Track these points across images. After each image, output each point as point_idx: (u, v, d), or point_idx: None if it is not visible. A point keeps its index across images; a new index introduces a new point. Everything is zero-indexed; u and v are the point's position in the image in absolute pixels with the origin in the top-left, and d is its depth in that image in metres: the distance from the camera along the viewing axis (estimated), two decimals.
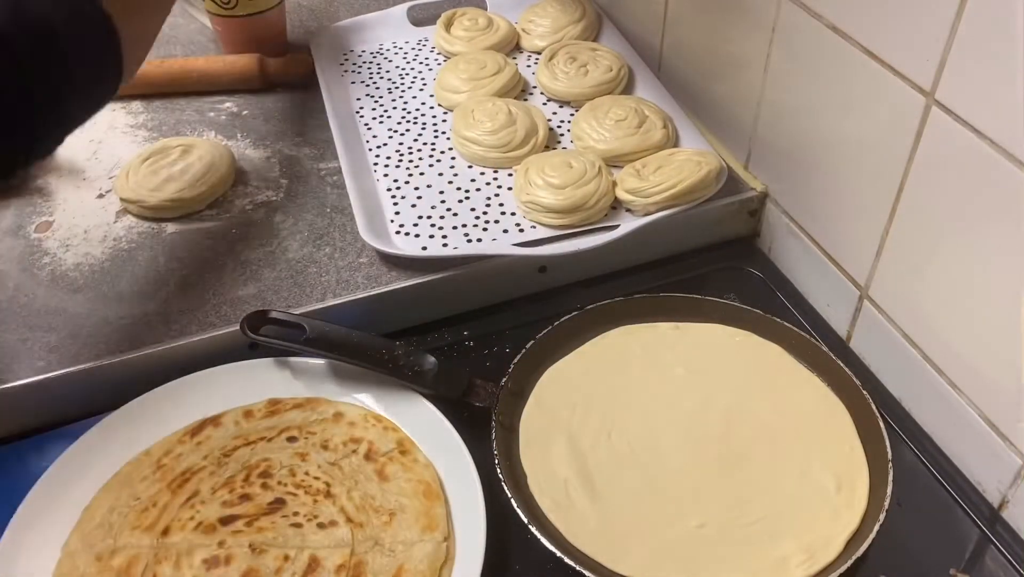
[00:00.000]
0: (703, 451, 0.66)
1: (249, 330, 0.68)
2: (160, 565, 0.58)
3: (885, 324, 0.71)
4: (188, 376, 0.69)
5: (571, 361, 0.73)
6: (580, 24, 1.02)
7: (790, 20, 0.73)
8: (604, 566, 0.59)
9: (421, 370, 0.69)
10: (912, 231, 0.66)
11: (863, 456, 0.65)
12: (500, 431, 0.66)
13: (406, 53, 1.04)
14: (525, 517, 0.60)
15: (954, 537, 0.63)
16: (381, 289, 0.76)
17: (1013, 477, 0.62)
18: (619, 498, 0.63)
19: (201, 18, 1.09)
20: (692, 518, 0.62)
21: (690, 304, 0.76)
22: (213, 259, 0.80)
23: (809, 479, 0.64)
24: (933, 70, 0.59)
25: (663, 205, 0.78)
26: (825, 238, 0.77)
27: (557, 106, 0.95)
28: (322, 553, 0.59)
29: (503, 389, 0.68)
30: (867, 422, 0.66)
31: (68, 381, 0.69)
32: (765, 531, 0.61)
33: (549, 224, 0.79)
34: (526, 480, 0.64)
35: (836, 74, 0.69)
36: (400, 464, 0.65)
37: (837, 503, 0.62)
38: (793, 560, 0.59)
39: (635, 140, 0.85)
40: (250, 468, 0.64)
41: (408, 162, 0.88)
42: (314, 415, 0.68)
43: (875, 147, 0.67)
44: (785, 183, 0.81)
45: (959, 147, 0.58)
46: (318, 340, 0.68)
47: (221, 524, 0.60)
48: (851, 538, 0.60)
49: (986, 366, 0.62)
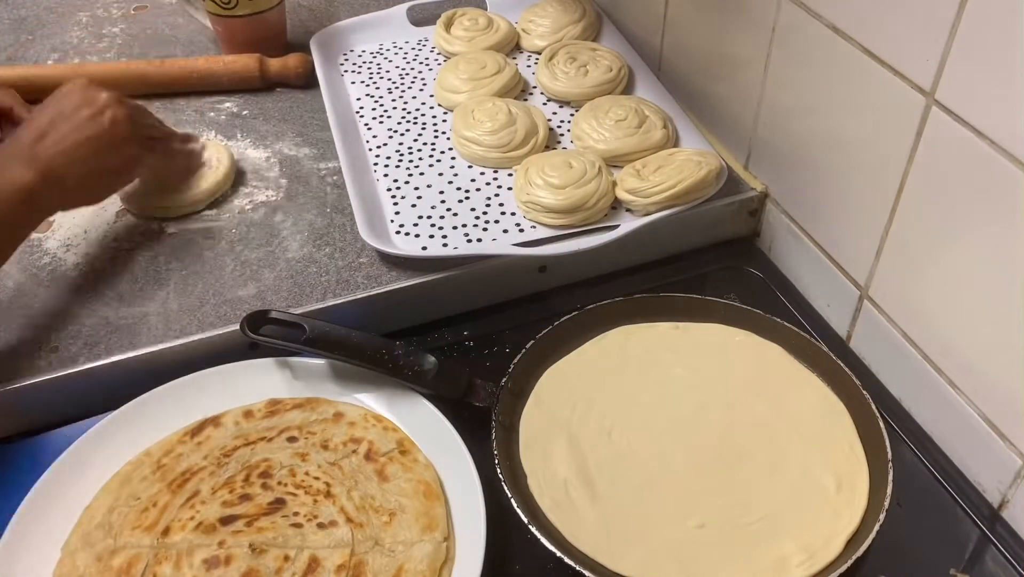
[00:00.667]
0: (703, 451, 0.66)
1: (249, 330, 0.68)
2: (160, 565, 0.58)
3: (885, 324, 0.71)
4: (188, 376, 0.69)
5: (571, 361, 0.73)
6: (580, 24, 1.02)
7: (790, 20, 0.73)
8: (604, 566, 0.59)
9: (421, 370, 0.69)
10: (912, 231, 0.66)
11: (863, 456, 0.65)
12: (500, 431, 0.66)
13: (406, 53, 1.04)
14: (525, 517, 0.60)
15: (954, 537, 0.63)
16: (381, 289, 0.76)
17: (1013, 477, 0.62)
18: (619, 498, 0.63)
19: (201, 18, 1.09)
20: (692, 518, 0.62)
21: (690, 304, 0.76)
22: (213, 259, 0.80)
23: (809, 479, 0.64)
24: (933, 70, 0.59)
25: (663, 205, 0.78)
26: (825, 238, 0.77)
27: (557, 106, 0.95)
28: (322, 553, 0.59)
29: (503, 389, 0.68)
30: (867, 422, 0.66)
31: (68, 381, 0.69)
32: (765, 531, 0.61)
33: (549, 224, 0.79)
34: (526, 480, 0.64)
35: (836, 74, 0.69)
36: (400, 464, 0.65)
37: (837, 503, 0.62)
38: (793, 560, 0.59)
39: (635, 140, 0.84)
40: (250, 468, 0.64)
41: (408, 162, 0.88)
42: (314, 415, 0.68)
43: (875, 147, 0.67)
44: (785, 183, 0.81)
45: (959, 147, 0.58)
46: (318, 340, 0.68)
47: (221, 524, 0.60)
48: (851, 538, 0.60)
49: (986, 366, 0.62)
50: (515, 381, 0.70)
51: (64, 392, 0.69)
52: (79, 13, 1.17)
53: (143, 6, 1.19)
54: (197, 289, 0.76)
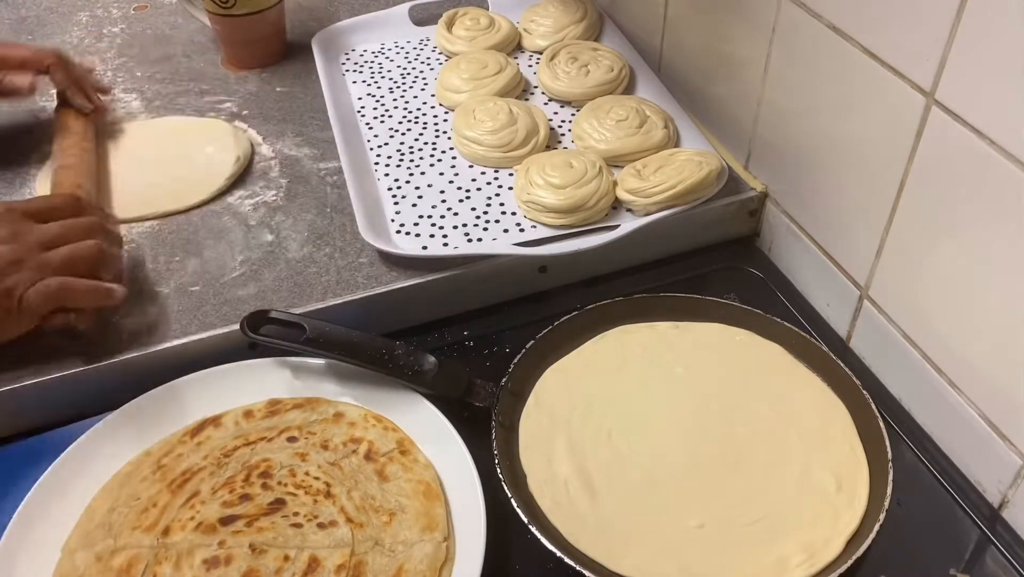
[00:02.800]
0: (703, 451, 0.66)
1: (249, 330, 0.68)
2: (160, 565, 0.58)
3: (885, 324, 0.71)
4: (188, 376, 0.69)
5: (571, 361, 0.73)
6: (581, 24, 1.02)
7: (790, 20, 0.73)
8: (604, 566, 0.59)
9: (421, 370, 0.69)
10: (912, 231, 0.66)
11: (863, 456, 0.65)
12: (500, 431, 0.66)
13: (407, 53, 1.04)
14: (525, 517, 0.60)
15: (954, 537, 0.63)
16: (381, 289, 0.76)
17: (1013, 477, 0.62)
18: (619, 498, 0.63)
19: (201, 18, 1.09)
20: (692, 518, 0.62)
21: (690, 304, 0.76)
22: (213, 259, 0.80)
23: (809, 479, 0.64)
24: (933, 70, 0.59)
25: (663, 205, 0.78)
26: (825, 238, 0.77)
27: (558, 106, 0.95)
28: (322, 553, 0.59)
29: (503, 389, 0.68)
30: (867, 422, 0.66)
31: (68, 381, 0.69)
32: (765, 531, 0.61)
33: (549, 224, 0.79)
34: (526, 480, 0.64)
35: (836, 74, 0.69)
36: (400, 464, 0.65)
37: (837, 503, 0.62)
38: (793, 560, 0.59)
39: (636, 140, 0.84)
40: (250, 468, 0.64)
41: (409, 162, 0.88)
42: (314, 415, 0.68)
43: (875, 147, 0.67)
44: (785, 183, 0.81)
45: (959, 147, 0.58)
46: (318, 340, 0.68)
47: (221, 524, 0.60)
48: (851, 538, 0.60)
49: (986, 366, 0.62)
50: (515, 381, 0.69)
51: (64, 392, 0.69)
52: (79, 13, 1.17)
53: (143, 6, 1.19)
54: (197, 289, 0.76)
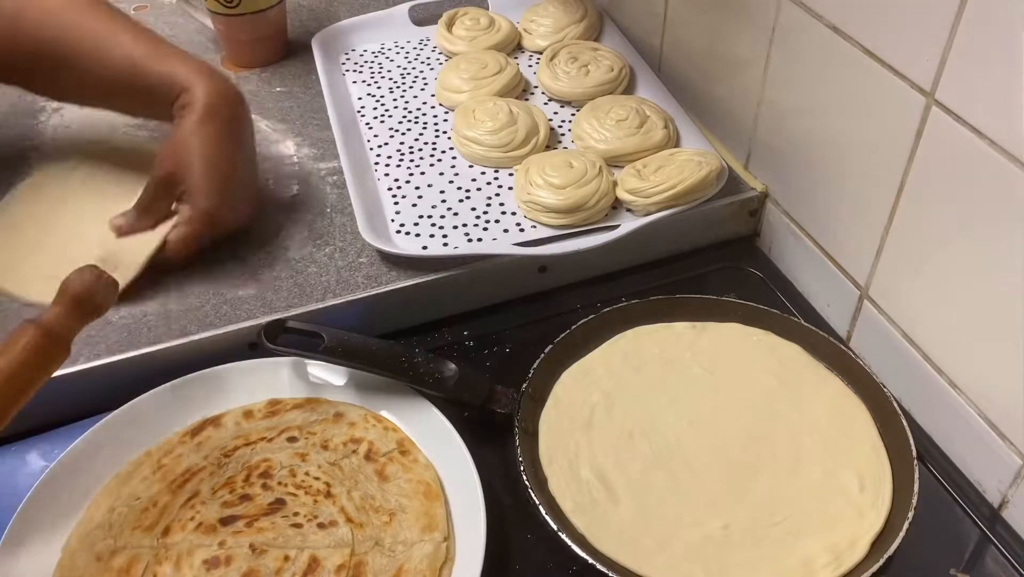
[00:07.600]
0: (725, 451, 0.66)
1: (267, 340, 0.68)
2: (160, 565, 0.58)
3: (885, 324, 0.71)
4: (188, 376, 0.69)
5: (588, 363, 0.72)
6: (581, 24, 1.02)
7: (790, 20, 0.73)
8: (628, 568, 0.59)
9: (442, 377, 0.68)
10: (912, 231, 0.66)
11: (885, 455, 0.64)
12: (523, 436, 0.65)
13: (407, 53, 1.04)
14: (555, 525, 0.59)
15: (954, 537, 0.63)
16: (381, 289, 0.76)
17: (1013, 477, 0.62)
18: (642, 499, 0.63)
19: (201, 17, 1.09)
20: (715, 519, 0.61)
21: (707, 305, 0.75)
22: (213, 259, 0.80)
23: (832, 479, 0.63)
24: (933, 70, 0.59)
25: (664, 205, 0.78)
26: (825, 238, 0.77)
27: (558, 106, 0.95)
28: (322, 553, 0.59)
29: (524, 394, 0.68)
30: (888, 421, 0.66)
31: (68, 381, 0.69)
32: (789, 532, 0.60)
33: (549, 224, 0.79)
34: (547, 484, 0.64)
35: (836, 74, 0.69)
36: (400, 464, 0.65)
37: (861, 503, 0.62)
38: (819, 561, 0.58)
39: (636, 140, 0.84)
40: (250, 468, 0.64)
41: (409, 161, 0.88)
42: (314, 415, 0.68)
43: (875, 147, 0.67)
44: (785, 183, 0.81)
45: (959, 147, 0.58)
46: (336, 349, 0.68)
47: (221, 524, 0.60)
48: (876, 538, 0.60)
49: (986, 366, 0.62)
50: (535, 386, 0.69)
51: (64, 392, 0.69)
52: None
53: (143, 6, 1.19)
54: (197, 289, 0.76)
